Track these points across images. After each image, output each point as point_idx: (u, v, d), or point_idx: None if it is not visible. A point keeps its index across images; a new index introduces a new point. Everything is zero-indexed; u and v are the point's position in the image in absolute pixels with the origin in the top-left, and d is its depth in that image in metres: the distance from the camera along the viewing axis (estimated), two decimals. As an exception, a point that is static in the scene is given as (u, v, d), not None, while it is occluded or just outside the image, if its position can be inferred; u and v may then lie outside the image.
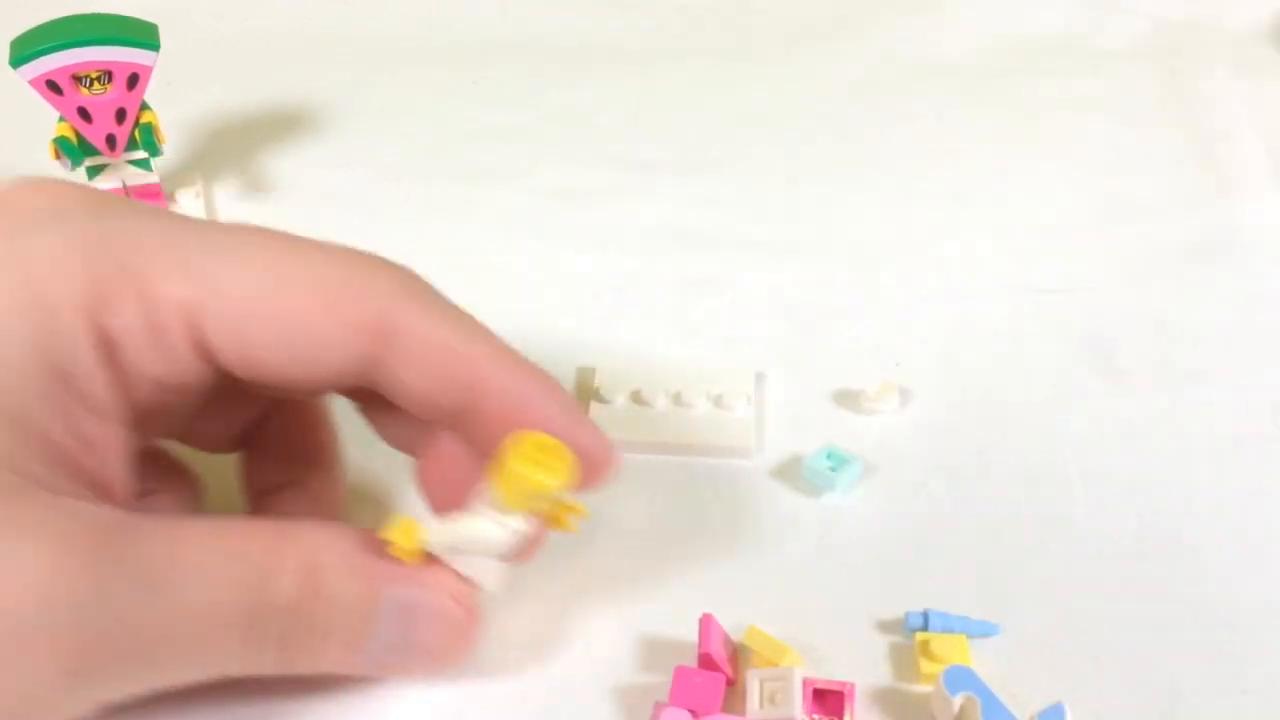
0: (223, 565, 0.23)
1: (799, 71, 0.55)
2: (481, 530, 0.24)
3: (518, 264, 0.43)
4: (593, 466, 0.25)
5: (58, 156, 0.42)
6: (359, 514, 0.32)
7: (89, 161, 0.43)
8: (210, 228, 0.25)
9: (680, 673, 0.27)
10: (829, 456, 0.33)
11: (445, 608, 0.25)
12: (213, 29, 0.57)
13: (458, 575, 0.25)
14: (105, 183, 0.43)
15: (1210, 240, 0.44)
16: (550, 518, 0.26)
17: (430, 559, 0.25)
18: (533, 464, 0.23)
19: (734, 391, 0.36)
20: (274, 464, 0.30)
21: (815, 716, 0.27)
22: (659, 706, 0.26)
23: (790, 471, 0.34)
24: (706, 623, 0.28)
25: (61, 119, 0.41)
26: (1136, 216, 0.45)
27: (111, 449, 0.24)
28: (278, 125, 0.50)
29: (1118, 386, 0.37)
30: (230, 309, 0.24)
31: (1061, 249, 0.44)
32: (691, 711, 0.26)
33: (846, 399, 0.36)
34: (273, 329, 0.24)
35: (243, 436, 0.30)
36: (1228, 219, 0.45)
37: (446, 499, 0.27)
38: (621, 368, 0.37)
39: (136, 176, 0.43)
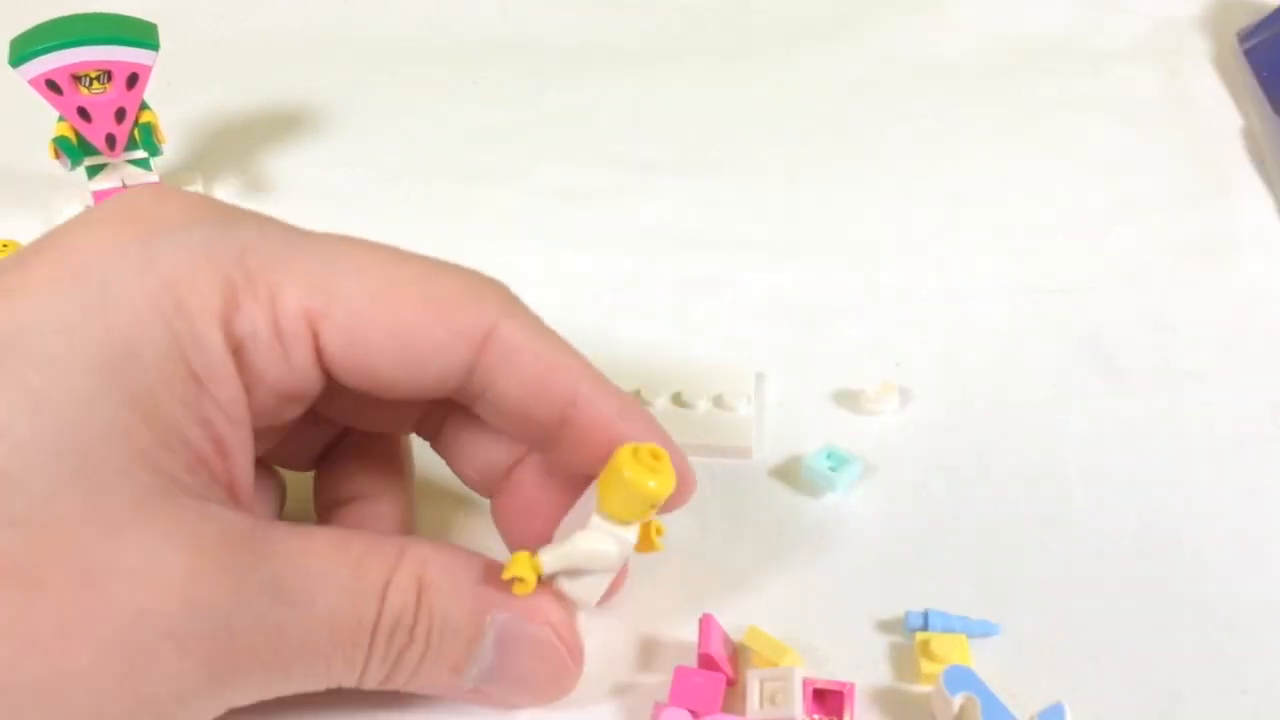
0: (348, 577, 0.23)
1: (799, 71, 0.55)
2: (598, 545, 0.25)
3: (518, 264, 0.42)
4: (681, 485, 0.26)
5: (57, 156, 0.42)
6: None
7: (89, 161, 0.43)
8: (322, 237, 0.26)
9: (680, 673, 0.27)
10: (829, 456, 0.33)
11: (548, 641, 0.26)
12: (213, 29, 0.57)
13: (561, 600, 0.26)
14: (105, 182, 0.43)
15: (1210, 240, 0.44)
16: (642, 539, 0.26)
17: (539, 585, 0.25)
18: (649, 471, 0.24)
19: (734, 391, 0.36)
20: (346, 478, 0.30)
21: (815, 716, 0.27)
22: (659, 707, 0.26)
23: (790, 471, 0.34)
24: (706, 623, 0.28)
25: (61, 119, 0.41)
26: (1136, 216, 0.45)
27: (239, 453, 0.24)
28: (278, 125, 0.50)
29: (1118, 386, 0.37)
30: (346, 313, 0.24)
31: (1061, 249, 0.44)
32: (691, 712, 0.26)
33: (846, 399, 0.36)
34: (386, 333, 0.25)
35: (319, 456, 0.31)
36: (1228, 219, 0.45)
37: (523, 534, 0.28)
38: (622, 368, 0.37)
39: (136, 176, 0.43)
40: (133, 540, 0.21)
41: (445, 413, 0.29)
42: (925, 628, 0.29)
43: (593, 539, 0.25)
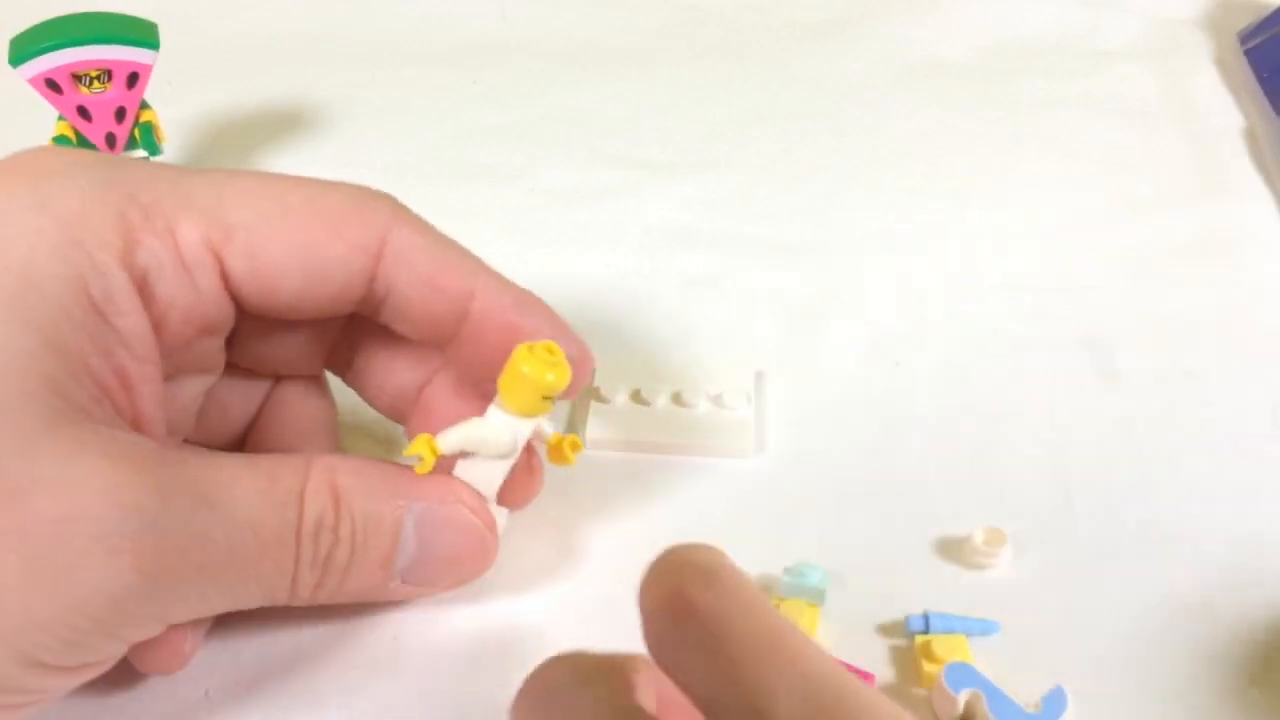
0: (263, 486, 0.24)
1: (799, 71, 0.55)
2: (490, 432, 0.26)
3: (518, 264, 0.42)
4: (578, 372, 0.27)
5: (57, 156, 0.42)
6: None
7: (89, 161, 0.43)
8: (210, 171, 0.27)
9: None
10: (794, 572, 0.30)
11: (464, 517, 0.27)
12: (213, 29, 0.56)
13: (470, 488, 0.27)
14: (105, 182, 0.43)
15: (1209, 240, 0.44)
16: (553, 449, 0.28)
17: (444, 471, 0.27)
18: (546, 366, 0.25)
19: (734, 391, 0.36)
20: (271, 438, 0.31)
21: None
22: None
23: (790, 471, 0.34)
24: None
25: (61, 118, 0.41)
26: (1136, 216, 0.45)
27: (146, 389, 0.25)
28: (278, 125, 0.50)
29: (1118, 386, 0.37)
30: (247, 238, 0.25)
31: (1061, 249, 0.44)
32: None
33: (948, 549, 0.32)
34: (285, 251, 0.26)
35: (246, 431, 0.31)
36: (1227, 219, 0.45)
37: None
38: (621, 367, 0.37)
39: (136, 176, 0.43)
40: (47, 455, 0.22)
41: (353, 344, 0.30)
42: (926, 630, 0.29)
43: (486, 425, 0.26)
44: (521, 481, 0.29)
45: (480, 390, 0.29)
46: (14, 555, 0.21)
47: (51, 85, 0.40)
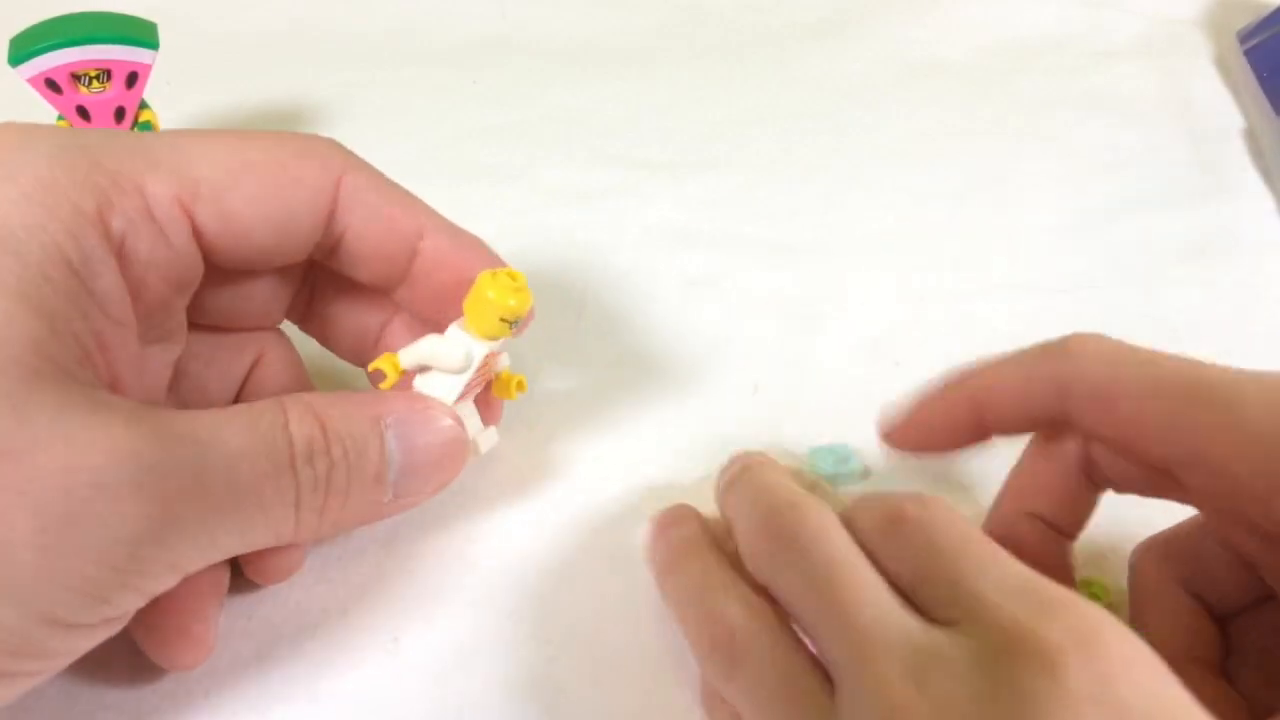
0: (245, 423, 0.25)
1: (799, 71, 0.55)
2: (444, 346, 0.28)
3: (518, 264, 0.43)
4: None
5: (57, 156, 0.42)
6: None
7: (88, 161, 0.43)
8: (165, 134, 0.27)
9: None
10: (832, 452, 0.33)
11: (437, 418, 0.28)
12: (213, 29, 0.56)
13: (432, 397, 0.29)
14: (105, 182, 0.43)
15: (1210, 240, 0.44)
16: (501, 386, 0.30)
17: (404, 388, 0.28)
18: (508, 291, 0.27)
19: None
20: None
21: None
22: None
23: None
24: None
25: (60, 118, 0.41)
26: (1136, 216, 0.45)
27: (123, 353, 0.25)
28: (278, 125, 0.50)
29: (1118, 386, 0.37)
30: (213, 191, 0.26)
31: (1061, 249, 0.44)
32: None
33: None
34: (253, 201, 0.27)
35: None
36: (1227, 219, 0.45)
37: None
38: (621, 367, 0.37)
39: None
40: (36, 416, 0.22)
41: (311, 292, 0.31)
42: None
43: (444, 341, 0.28)
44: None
45: (437, 328, 0.29)
46: (23, 513, 0.21)
47: (51, 85, 0.40)
